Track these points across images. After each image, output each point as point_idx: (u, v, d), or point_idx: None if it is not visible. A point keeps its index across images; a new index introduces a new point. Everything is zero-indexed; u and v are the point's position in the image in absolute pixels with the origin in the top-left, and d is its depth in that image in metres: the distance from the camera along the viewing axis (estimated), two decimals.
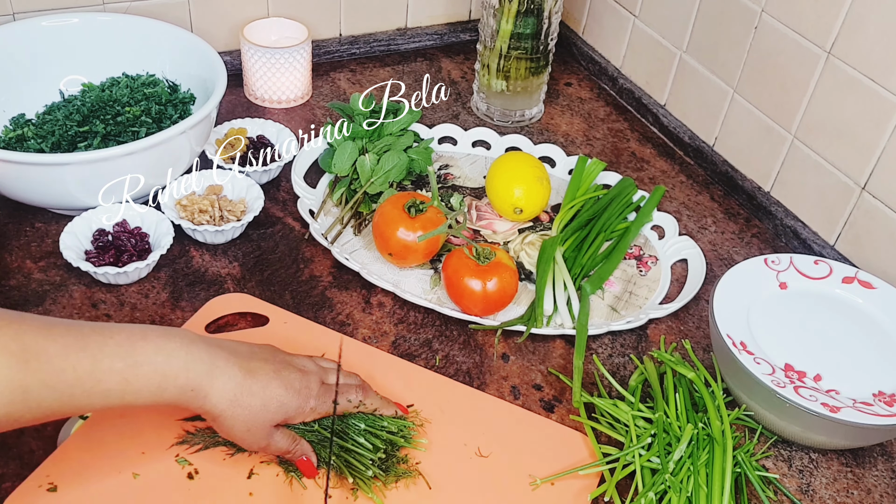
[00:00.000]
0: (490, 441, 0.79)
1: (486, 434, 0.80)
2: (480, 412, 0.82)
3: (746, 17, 1.07)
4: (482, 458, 0.78)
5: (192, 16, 1.20)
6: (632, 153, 1.22)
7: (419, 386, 0.83)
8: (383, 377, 0.83)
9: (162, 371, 0.64)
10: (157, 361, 0.64)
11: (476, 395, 0.84)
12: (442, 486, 0.75)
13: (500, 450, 0.78)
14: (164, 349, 0.65)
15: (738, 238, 1.09)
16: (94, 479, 0.71)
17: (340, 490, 0.73)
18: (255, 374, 0.69)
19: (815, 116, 1.02)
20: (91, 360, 0.61)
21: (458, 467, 0.77)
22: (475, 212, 1.08)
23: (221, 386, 0.67)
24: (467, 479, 0.76)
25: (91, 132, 0.98)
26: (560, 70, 1.38)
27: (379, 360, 0.86)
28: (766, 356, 0.82)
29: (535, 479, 0.76)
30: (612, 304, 0.97)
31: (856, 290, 0.90)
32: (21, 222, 0.97)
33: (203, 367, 0.66)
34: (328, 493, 0.72)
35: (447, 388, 0.84)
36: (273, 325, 0.88)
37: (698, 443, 0.77)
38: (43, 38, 1.04)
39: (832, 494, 0.81)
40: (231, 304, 0.89)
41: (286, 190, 1.06)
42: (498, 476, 0.76)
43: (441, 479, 0.75)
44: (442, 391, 0.83)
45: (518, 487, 0.76)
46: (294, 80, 1.19)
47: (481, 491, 0.75)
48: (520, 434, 0.81)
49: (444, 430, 0.80)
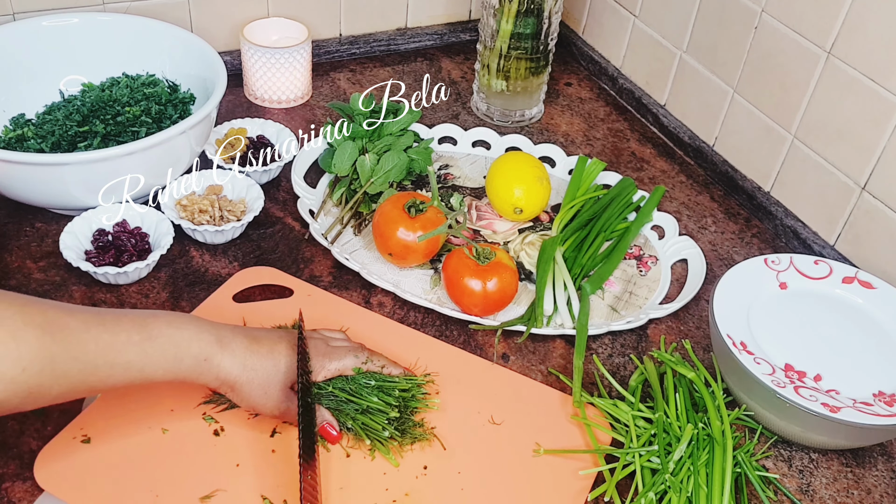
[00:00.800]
0: (503, 410, 0.82)
1: (499, 403, 0.83)
2: (495, 382, 0.85)
3: (746, 17, 1.07)
4: (495, 425, 0.80)
5: (192, 16, 1.20)
6: (632, 153, 1.22)
7: (438, 356, 0.86)
8: (402, 348, 0.86)
9: (175, 341, 0.68)
10: (170, 333, 0.68)
11: (491, 367, 0.87)
12: (454, 449, 0.78)
13: (512, 419, 0.81)
14: (173, 323, 0.69)
15: (738, 238, 1.09)
16: (126, 434, 0.75)
17: (359, 450, 0.76)
18: (260, 340, 0.74)
19: (815, 116, 1.02)
20: (110, 333, 0.65)
21: (471, 433, 0.80)
22: (475, 212, 1.08)
23: (231, 352, 0.71)
24: (479, 444, 0.79)
25: (91, 132, 0.98)
26: (560, 70, 1.38)
27: (398, 331, 0.89)
28: (766, 356, 0.82)
29: (539, 448, 0.79)
30: (612, 304, 0.97)
31: (856, 290, 0.90)
32: (21, 222, 0.97)
33: (211, 336, 0.71)
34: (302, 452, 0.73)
35: (464, 359, 0.87)
36: (297, 296, 0.91)
37: (698, 443, 0.77)
38: (43, 38, 1.04)
39: (832, 494, 0.81)
40: (258, 276, 0.92)
41: (286, 190, 1.06)
42: (508, 443, 0.79)
43: (454, 442, 0.78)
44: (459, 361, 0.87)
45: (526, 455, 0.79)
46: (294, 80, 1.19)
47: (491, 456, 0.78)
48: (532, 406, 0.83)
49: (460, 397, 0.83)
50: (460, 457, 0.77)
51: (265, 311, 0.88)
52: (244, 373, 0.72)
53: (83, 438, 0.74)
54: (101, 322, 0.65)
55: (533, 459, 0.78)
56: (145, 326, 0.67)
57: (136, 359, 0.66)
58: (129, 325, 0.67)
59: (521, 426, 0.81)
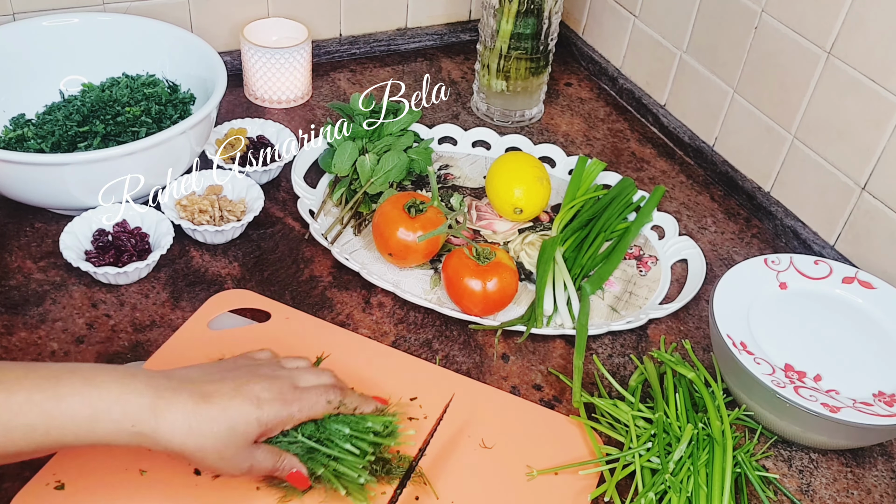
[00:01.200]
0: (493, 433, 0.79)
1: (489, 426, 0.80)
2: (483, 404, 0.82)
3: (746, 17, 1.07)
4: (486, 449, 0.78)
5: (192, 16, 1.20)
6: (632, 153, 1.22)
7: (422, 378, 0.83)
8: (383, 371, 0.83)
9: (91, 404, 0.59)
10: (85, 393, 0.59)
11: (478, 387, 0.84)
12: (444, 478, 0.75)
13: (504, 441, 0.79)
14: (92, 381, 0.60)
15: (738, 238, 1.09)
16: (102, 476, 0.71)
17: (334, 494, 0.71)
18: (210, 398, 0.64)
19: (815, 116, 1.02)
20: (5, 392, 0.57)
21: (461, 459, 0.77)
22: (475, 212, 1.08)
23: (171, 419, 0.62)
24: (470, 471, 0.76)
25: (91, 132, 0.98)
26: (560, 70, 1.38)
27: (378, 352, 0.86)
28: (766, 356, 0.82)
29: (532, 471, 0.76)
30: (612, 304, 0.97)
31: (856, 290, 0.90)
32: (21, 222, 0.97)
33: (143, 400, 0.61)
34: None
35: (449, 381, 0.84)
36: (275, 320, 0.87)
37: (698, 443, 0.77)
38: (43, 38, 1.04)
39: (832, 494, 0.81)
40: (232, 300, 0.89)
41: (286, 190, 1.06)
42: (502, 468, 0.77)
43: (444, 471, 0.75)
44: (444, 383, 0.84)
45: (521, 479, 0.76)
46: (294, 80, 1.19)
47: (484, 482, 0.75)
48: (523, 426, 0.81)
49: (447, 421, 0.80)
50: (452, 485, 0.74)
51: (241, 339, 0.84)
52: (190, 439, 0.62)
53: (56, 484, 0.69)
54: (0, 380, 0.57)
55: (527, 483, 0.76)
56: (56, 383, 0.59)
57: (38, 421, 0.58)
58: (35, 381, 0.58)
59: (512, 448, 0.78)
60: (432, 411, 0.80)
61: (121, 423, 0.60)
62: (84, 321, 0.87)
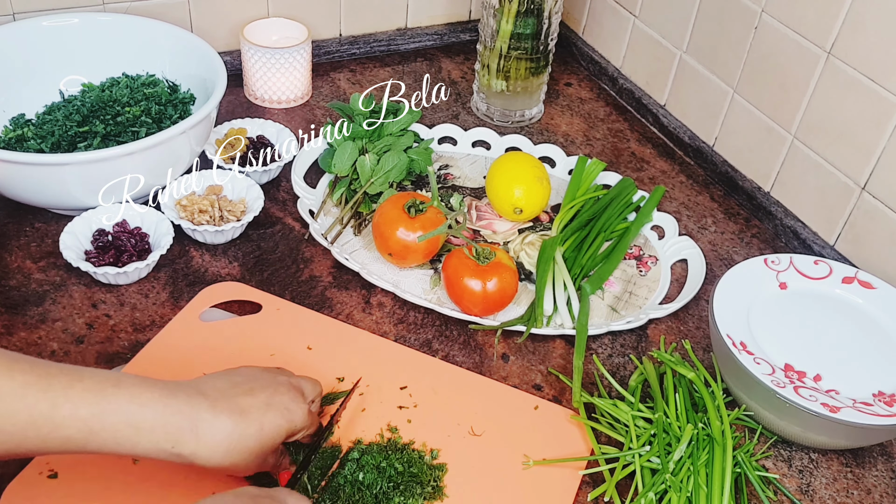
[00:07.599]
0: (483, 420, 0.81)
1: (479, 414, 0.81)
2: (473, 393, 0.84)
3: (746, 17, 1.07)
4: (475, 436, 0.79)
5: (192, 16, 1.19)
6: (632, 153, 1.22)
7: (412, 367, 0.85)
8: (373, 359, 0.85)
9: (134, 423, 0.59)
10: (130, 412, 0.59)
11: (468, 376, 0.85)
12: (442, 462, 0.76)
13: (494, 429, 0.80)
14: (138, 399, 0.59)
15: (738, 238, 1.09)
16: (94, 466, 0.71)
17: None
18: (247, 414, 0.64)
19: (815, 116, 1.02)
20: (49, 403, 0.56)
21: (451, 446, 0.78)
22: (475, 212, 1.08)
23: (210, 439, 0.62)
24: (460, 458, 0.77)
25: (91, 132, 0.98)
26: (560, 70, 1.38)
27: (370, 343, 0.87)
28: (766, 356, 0.82)
29: (528, 460, 0.77)
30: (612, 304, 0.97)
31: (856, 290, 0.90)
32: (21, 222, 0.97)
33: (185, 423, 0.61)
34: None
35: (439, 370, 0.85)
36: (266, 311, 0.88)
37: (698, 443, 0.77)
38: (43, 38, 1.04)
39: (832, 494, 0.81)
40: (223, 292, 0.90)
41: (286, 190, 1.06)
42: (491, 455, 0.78)
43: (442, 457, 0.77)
44: (434, 373, 0.85)
45: (511, 466, 0.77)
46: (294, 81, 1.19)
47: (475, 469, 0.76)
48: (513, 414, 0.82)
49: (436, 410, 0.81)
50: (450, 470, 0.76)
51: (233, 331, 0.86)
52: (227, 458, 0.62)
53: (49, 473, 0.70)
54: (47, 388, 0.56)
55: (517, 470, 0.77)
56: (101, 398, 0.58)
57: (77, 436, 0.57)
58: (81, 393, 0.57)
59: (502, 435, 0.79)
60: (422, 399, 0.82)
61: (161, 444, 0.60)
62: (84, 321, 0.87)
